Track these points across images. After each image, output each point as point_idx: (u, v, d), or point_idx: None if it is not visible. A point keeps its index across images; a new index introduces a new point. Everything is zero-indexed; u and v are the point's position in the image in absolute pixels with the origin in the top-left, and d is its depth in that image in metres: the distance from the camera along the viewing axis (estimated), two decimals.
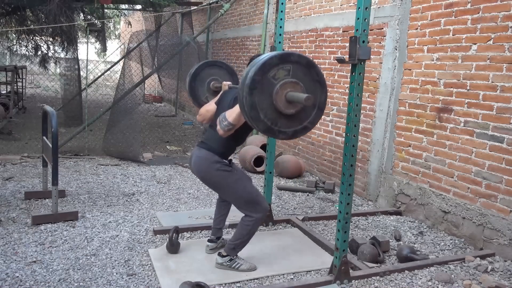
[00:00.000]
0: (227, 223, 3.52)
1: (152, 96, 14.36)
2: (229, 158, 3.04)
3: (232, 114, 2.75)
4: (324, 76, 2.58)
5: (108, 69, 10.96)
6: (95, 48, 19.91)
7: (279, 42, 3.75)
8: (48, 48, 10.46)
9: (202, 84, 3.58)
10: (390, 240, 3.62)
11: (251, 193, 2.97)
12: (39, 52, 10.44)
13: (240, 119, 2.75)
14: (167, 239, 3.29)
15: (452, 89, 3.93)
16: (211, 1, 9.16)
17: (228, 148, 3.00)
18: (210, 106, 3.17)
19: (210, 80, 3.58)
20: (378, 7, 4.82)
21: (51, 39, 9.99)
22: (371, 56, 4.59)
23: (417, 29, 4.31)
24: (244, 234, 2.99)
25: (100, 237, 3.52)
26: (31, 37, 10.13)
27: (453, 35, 3.92)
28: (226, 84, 3.25)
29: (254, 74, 2.35)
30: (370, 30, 4.74)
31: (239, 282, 2.92)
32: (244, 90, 2.37)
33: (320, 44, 5.83)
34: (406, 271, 3.15)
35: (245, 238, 3.02)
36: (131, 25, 11.78)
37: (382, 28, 4.75)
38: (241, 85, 2.43)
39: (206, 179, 3.01)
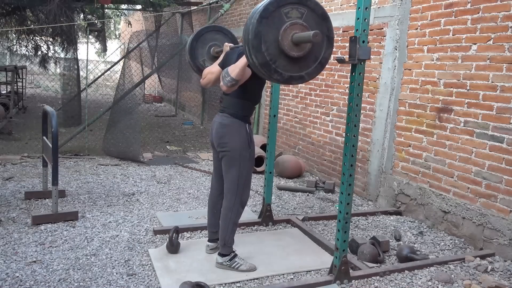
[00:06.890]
0: None
1: (152, 96, 14.35)
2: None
3: (235, 69, 2.71)
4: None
5: (108, 69, 10.97)
6: (95, 48, 19.90)
7: None
8: (48, 48, 10.46)
9: (203, 46, 3.55)
10: (390, 240, 3.62)
11: (249, 176, 2.97)
12: (39, 52, 10.44)
13: (243, 74, 2.71)
14: (167, 239, 3.29)
15: (452, 89, 3.93)
16: (211, 1, 9.15)
17: (248, 110, 2.97)
18: (214, 68, 3.08)
19: (211, 45, 3.55)
20: (378, 7, 4.82)
21: (51, 39, 9.99)
22: (371, 56, 4.59)
23: (417, 29, 4.31)
24: (228, 225, 2.98)
25: (100, 237, 3.52)
26: (31, 37, 10.12)
27: (453, 35, 3.92)
28: (228, 45, 3.18)
29: (269, 3, 2.34)
30: (370, 30, 4.74)
31: (239, 282, 2.92)
32: (254, 17, 2.34)
33: None
34: (406, 271, 3.15)
35: (231, 229, 3.01)
36: (131, 25, 11.77)
37: (382, 28, 4.75)
38: (252, 13, 2.40)
39: (225, 144, 2.93)
